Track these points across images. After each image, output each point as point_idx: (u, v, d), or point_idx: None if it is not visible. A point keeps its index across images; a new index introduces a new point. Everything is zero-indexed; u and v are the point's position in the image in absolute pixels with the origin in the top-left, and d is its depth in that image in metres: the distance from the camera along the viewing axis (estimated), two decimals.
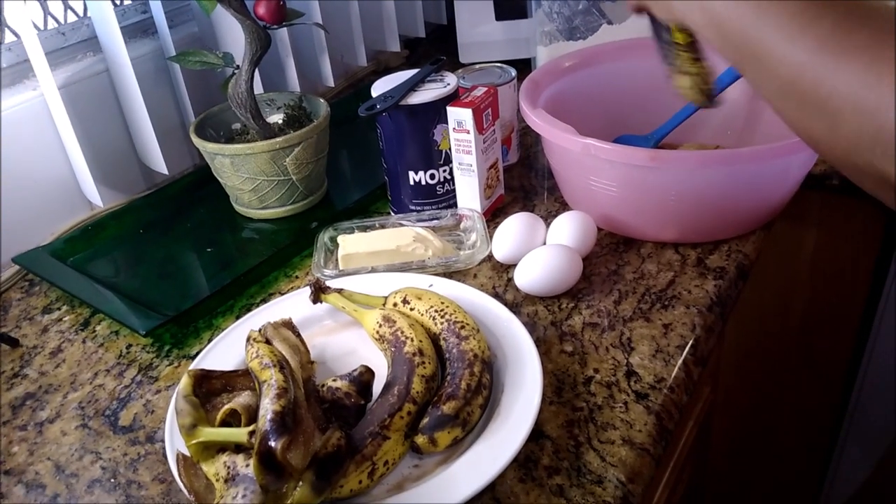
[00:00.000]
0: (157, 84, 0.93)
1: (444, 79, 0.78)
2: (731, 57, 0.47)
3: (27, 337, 0.72)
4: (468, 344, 0.56)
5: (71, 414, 0.62)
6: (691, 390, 0.60)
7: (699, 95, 0.59)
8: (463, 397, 0.52)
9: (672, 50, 0.59)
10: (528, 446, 0.53)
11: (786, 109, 0.43)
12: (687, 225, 0.72)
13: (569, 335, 0.63)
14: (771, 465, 1.21)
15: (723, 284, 0.68)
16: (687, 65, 0.59)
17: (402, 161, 0.78)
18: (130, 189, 0.94)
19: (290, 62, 1.02)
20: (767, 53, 0.42)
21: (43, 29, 0.88)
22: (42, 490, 0.56)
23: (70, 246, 0.83)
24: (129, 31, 0.95)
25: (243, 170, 0.80)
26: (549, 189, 0.85)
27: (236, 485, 0.46)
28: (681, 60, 0.59)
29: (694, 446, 0.86)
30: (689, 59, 0.59)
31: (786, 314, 1.05)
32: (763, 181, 0.69)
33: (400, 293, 0.63)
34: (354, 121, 1.03)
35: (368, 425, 0.51)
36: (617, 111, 0.84)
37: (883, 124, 0.36)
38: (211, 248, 0.82)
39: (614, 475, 0.50)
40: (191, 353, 0.68)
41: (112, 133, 0.90)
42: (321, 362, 0.62)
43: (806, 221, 0.96)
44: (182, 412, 0.51)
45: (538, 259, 0.67)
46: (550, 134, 0.71)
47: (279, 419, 0.45)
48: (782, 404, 1.14)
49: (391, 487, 0.50)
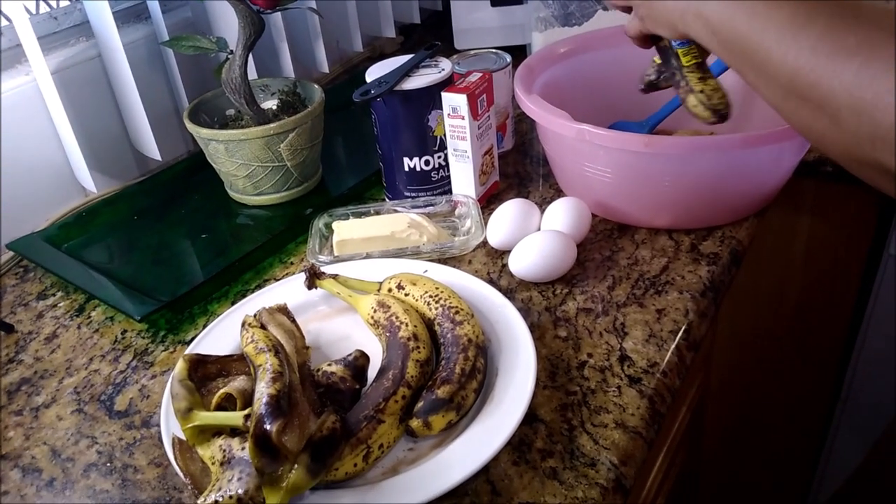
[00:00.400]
0: (151, 69, 0.93)
1: (439, 64, 0.78)
2: (731, 62, 0.48)
3: (22, 323, 0.72)
4: (462, 329, 0.56)
5: (66, 399, 0.62)
6: (684, 375, 0.61)
7: (710, 113, 0.62)
8: (457, 381, 0.53)
9: (681, 72, 0.62)
10: (522, 430, 0.53)
11: (787, 110, 0.44)
12: (681, 211, 0.72)
13: (563, 320, 0.64)
14: (764, 450, 1.22)
15: (716, 270, 0.68)
16: (696, 84, 0.62)
17: (397, 147, 0.78)
18: (124, 175, 0.94)
19: (284, 47, 1.01)
20: (765, 58, 0.43)
21: (35, 13, 0.88)
22: (38, 474, 0.56)
23: (64, 232, 0.83)
24: (122, 15, 0.94)
25: (237, 156, 0.80)
26: (543, 175, 0.86)
27: (232, 468, 0.46)
28: (690, 81, 0.62)
29: (687, 431, 0.87)
30: (696, 78, 0.62)
31: (779, 301, 1.05)
32: (757, 167, 0.70)
33: (395, 279, 0.63)
34: (349, 107, 1.02)
35: (363, 409, 0.51)
36: (612, 97, 0.84)
37: (881, 122, 0.37)
38: (205, 235, 0.82)
39: (607, 458, 0.51)
40: (186, 338, 0.68)
41: (105, 119, 0.90)
42: (316, 347, 0.62)
43: (799, 209, 0.96)
44: (178, 396, 0.51)
45: (532, 245, 0.67)
46: (545, 120, 0.71)
47: (274, 402, 0.46)
48: (775, 390, 1.14)
49: (386, 470, 0.50)
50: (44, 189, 0.86)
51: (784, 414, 1.16)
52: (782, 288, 1.04)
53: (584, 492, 0.49)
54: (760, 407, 1.17)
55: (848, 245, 0.97)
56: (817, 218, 0.97)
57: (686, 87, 0.62)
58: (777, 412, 1.17)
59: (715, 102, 0.61)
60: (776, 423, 1.18)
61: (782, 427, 1.18)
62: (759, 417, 1.19)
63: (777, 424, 1.18)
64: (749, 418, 1.19)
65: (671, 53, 0.63)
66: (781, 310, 1.06)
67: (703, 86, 0.62)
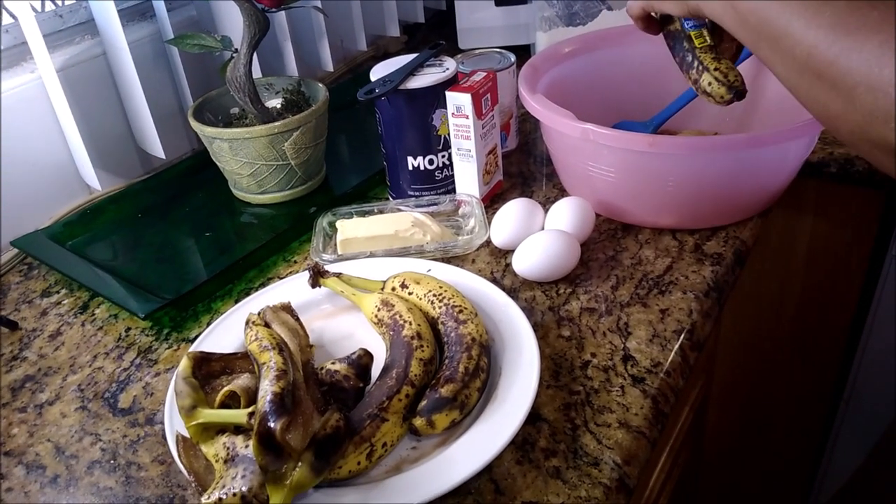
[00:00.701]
0: (155, 68, 0.93)
1: (444, 63, 0.78)
2: (746, 38, 0.48)
3: (26, 320, 0.73)
4: (466, 328, 0.57)
5: (70, 396, 0.63)
6: (687, 375, 0.61)
7: (726, 89, 0.61)
8: (461, 380, 0.53)
9: (693, 54, 0.61)
10: (526, 429, 0.53)
11: (800, 87, 0.44)
12: (685, 211, 0.72)
13: (566, 320, 0.64)
14: (765, 450, 1.22)
15: (720, 270, 0.68)
16: (710, 63, 0.61)
17: (401, 146, 0.78)
18: (129, 173, 0.94)
19: (288, 46, 1.01)
20: (783, 33, 0.43)
21: (41, 11, 0.88)
22: (42, 471, 0.56)
23: (69, 230, 0.83)
24: (127, 14, 0.94)
25: (242, 154, 0.80)
26: (547, 175, 0.86)
27: (236, 465, 0.46)
28: (704, 61, 0.61)
29: (690, 431, 0.87)
30: (710, 58, 0.61)
31: (782, 301, 1.05)
32: (761, 167, 0.70)
33: (398, 277, 0.63)
34: (353, 106, 1.03)
35: (367, 407, 0.51)
36: (616, 97, 0.84)
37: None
38: (209, 233, 0.82)
39: (610, 457, 0.51)
40: (190, 336, 0.68)
41: (110, 117, 0.90)
42: (320, 346, 0.62)
43: (803, 209, 0.96)
44: (181, 394, 0.51)
45: (536, 244, 0.67)
46: (549, 119, 0.71)
47: (278, 400, 0.46)
48: (778, 391, 1.14)
49: (389, 469, 0.51)
50: (48, 186, 0.86)
51: (785, 414, 1.16)
52: (785, 288, 1.04)
53: (587, 491, 0.49)
54: (762, 407, 1.17)
55: (851, 245, 0.97)
56: (820, 218, 0.97)
57: (699, 67, 0.61)
58: (778, 412, 1.16)
59: (731, 79, 0.60)
60: (777, 423, 1.18)
61: (783, 427, 1.18)
62: (760, 417, 1.19)
63: (778, 424, 1.18)
64: (750, 418, 1.19)
65: (683, 36, 0.62)
66: (784, 310, 1.06)
67: (717, 64, 0.61)
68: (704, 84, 0.62)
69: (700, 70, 0.61)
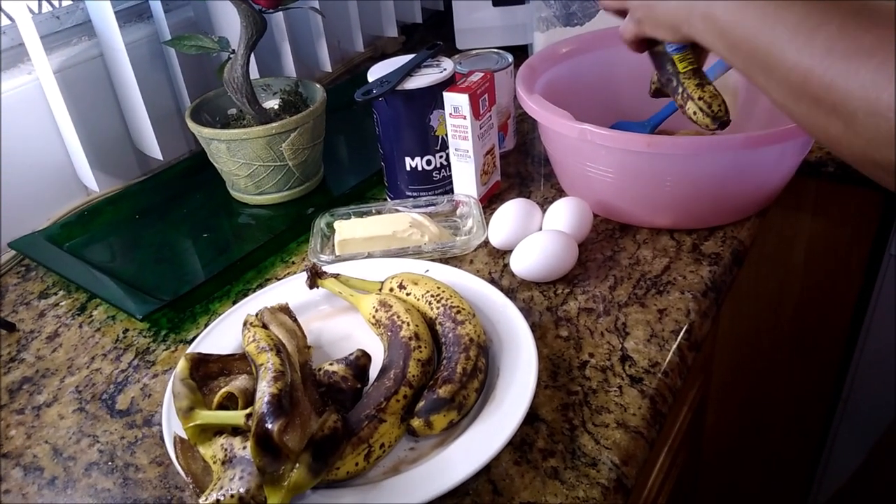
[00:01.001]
0: (153, 69, 0.93)
1: (441, 64, 0.78)
2: (739, 65, 0.46)
3: (24, 321, 0.73)
4: (464, 328, 0.57)
5: (68, 398, 0.63)
6: (685, 375, 0.61)
7: (710, 120, 0.62)
8: (459, 381, 0.53)
9: (677, 79, 0.61)
10: (524, 429, 0.53)
11: (798, 112, 0.43)
12: (682, 211, 0.72)
13: (564, 320, 0.64)
14: (764, 450, 1.22)
15: (717, 270, 0.68)
16: (694, 91, 0.61)
17: (399, 147, 0.78)
18: (126, 174, 0.94)
19: (286, 47, 1.01)
20: (776, 60, 0.42)
21: (38, 13, 0.88)
22: (40, 473, 0.56)
23: (66, 231, 0.83)
24: (124, 15, 0.94)
25: (239, 155, 0.80)
26: (545, 175, 0.86)
27: (233, 466, 0.46)
28: (687, 88, 0.62)
29: (688, 431, 0.87)
30: (694, 85, 0.61)
31: (781, 301, 1.05)
32: (758, 167, 0.70)
33: (396, 278, 0.63)
34: (351, 106, 1.02)
35: (365, 408, 0.51)
36: (614, 97, 0.84)
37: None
38: (207, 234, 0.82)
39: (608, 458, 0.51)
40: (187, 337, 0.68)
41: (107, 118, 0.90)
42: (318, 347, 0.62)
43: (801, 208, 0.96)
44: (179, 395, 0.51)
45: (534, 245, 0.67)
46: (547, 119, 0.71)
47: (276, 401, 0.46)
48: (776, 390, 1.14)
49: (387, 470, 0.51)
50: (46, 188, 0.86)
51: (784, 414, 1.16)
52: (783, 288, 1.04)
53: (585, 491, 0.49)
54: (760, 407, 1.17)
55: (849, 245, 0.97)
56: (819, 218, 0.97)
57: (684, 93, 0.62)
58: (777, 412, 1.16)
59: (715, 109, 0.61)
60: (776, 422, 1.18)
61: (782, 427, 1.18)
62: (759, 417, 1.19)
63: (777, 424, 1.18)
64: (749, 418, 1.19)
65: (666, 59, 0.62)
66: (782, 310, 1.06)
67: (701, 92, 0.61)
68: (689, 112, 0.63)
69: (685, 97, 0.62)
